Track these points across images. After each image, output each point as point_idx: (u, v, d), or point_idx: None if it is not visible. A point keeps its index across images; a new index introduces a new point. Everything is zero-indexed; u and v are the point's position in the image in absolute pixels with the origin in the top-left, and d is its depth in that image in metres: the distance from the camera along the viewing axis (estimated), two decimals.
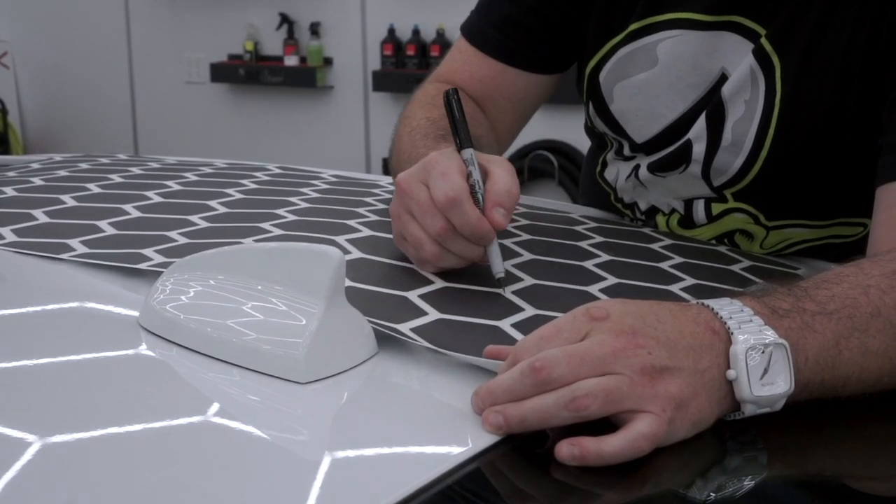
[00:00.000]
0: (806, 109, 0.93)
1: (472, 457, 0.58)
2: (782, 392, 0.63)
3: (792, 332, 0.65)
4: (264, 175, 1.16)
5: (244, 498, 0.51)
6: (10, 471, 0.52)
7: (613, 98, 1.03)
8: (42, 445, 0.54)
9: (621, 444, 0.57)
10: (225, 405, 0.63)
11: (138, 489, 0.52)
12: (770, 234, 1.02)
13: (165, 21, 4.57)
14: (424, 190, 0.78)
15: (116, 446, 0.56)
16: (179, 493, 0.52)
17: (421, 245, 0.79)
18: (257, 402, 0.63)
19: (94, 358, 0.67)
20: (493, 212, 0.77)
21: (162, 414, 0.60)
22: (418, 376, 0.67)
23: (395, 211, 0.81)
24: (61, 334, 0.71)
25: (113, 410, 0.60)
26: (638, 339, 0.60)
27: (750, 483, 0.63)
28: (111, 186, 1.06)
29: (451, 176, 0.77)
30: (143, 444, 0.56)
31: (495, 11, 1.09)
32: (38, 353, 0.67)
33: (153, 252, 0.82)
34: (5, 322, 0.74)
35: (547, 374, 0.58)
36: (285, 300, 0.64)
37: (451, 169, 0.78)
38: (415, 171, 0.80)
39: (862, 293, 0.70)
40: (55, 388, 0.62)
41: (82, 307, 0.77)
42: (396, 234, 0.83)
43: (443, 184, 0.77)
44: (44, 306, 0.77)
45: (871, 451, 0.71)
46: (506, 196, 0.78)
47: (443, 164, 0.78)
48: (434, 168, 0.78)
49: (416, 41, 3.98)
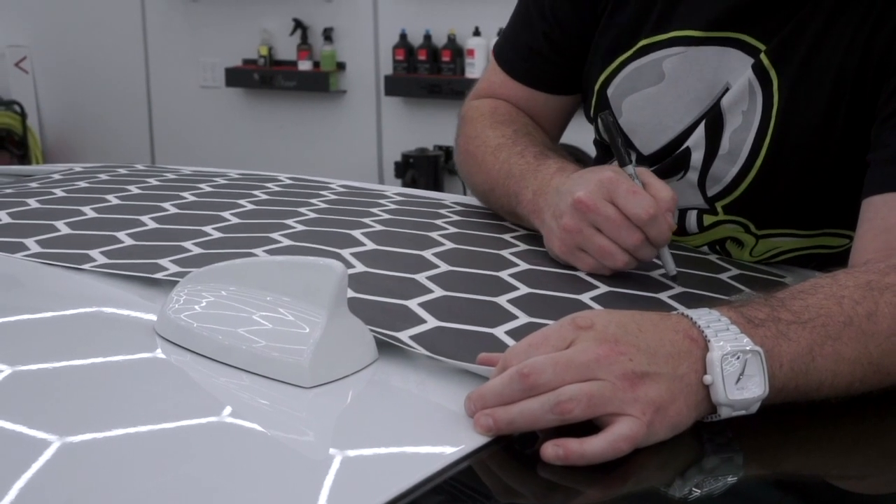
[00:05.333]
0: (800, 123, 0.98)
1: (464, 456, 0.62)
2: (756, 396, 0.67)
3: (767, 339, 0.69)
4: (275, 186, 1.20)
5: (253, 494, 0.56)
6: (30, 469, 0.56)
7: (622, 111, 1.08)
8: (61, 444, 0.59)
9: (602, 445, 0.62)
10: (235, 408, 0.67)
11: (155, 485, 0.56)
12: (759, 243, 1.06)
13: (181, 26, 4.63)
14: (611, 207, 0.87)
15: (133, 445, 0.61)
16: (192, 488, 0.56)
17: (612, 255, 0.88)
18: (265, 405, 0.67)
19: (112, 362, 0.72)
20: (667, 216, 0.88)
21: (176, 415, 0.64)
22: (416, 381, 0.72)
23: (573, 226, 0.89)
24: (81, 340, 0.76)
25: (129, 411, 0.65)
26: (620, 347, 0.65)
27: (726, 482, 0.67)
28: (129, 198, 1.11)
29: (641, 194, 0.87)
30: (157, 443, 0.61)
31: (520, 38, 1.17)
32: (58, 357, 0.72)
33: (168, 262, 0.86)
34: (29, 327, 0.79)
35: (534, 379, 0.63)
36: (291, 310, 0.69)
37: (637, 187, 0.88)
38: (594, 189, 0.88)
39: (836, 303, 0.74)
40: (74, 390, 0.67)
41: (102, 314, 0.82)
42: (569, 246, 0.90)
43: (638, 201, 0.87)
44: (65, 313, 0.82)
45: (845, 451, 0.75)
46: (672, 202, 0.89)
47: (626, 183, 0.88)
48: (619, 187, 0.87)
49: (427, 46, 4.03)
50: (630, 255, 0.88)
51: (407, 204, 1.15)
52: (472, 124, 1.14)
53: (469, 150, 1.12)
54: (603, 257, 0.89)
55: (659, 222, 0.87)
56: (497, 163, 1.06)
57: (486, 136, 1.11)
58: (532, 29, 1.14)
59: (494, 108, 1.15)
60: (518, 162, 1.03)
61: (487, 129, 1.11)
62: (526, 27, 1.15)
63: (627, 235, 0.87)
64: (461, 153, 1.15)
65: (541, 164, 1.00)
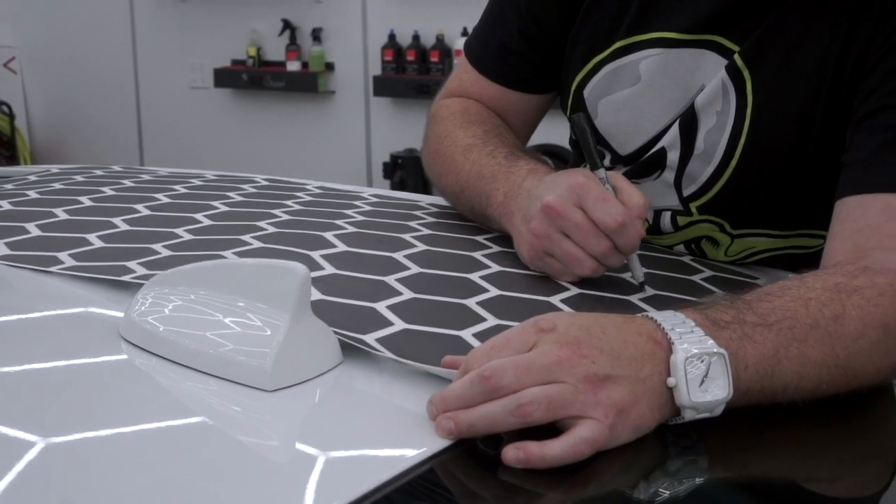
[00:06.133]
0: (774, 123, 0.98)
1: (426, 459, 0.62)
2: (720, 398, 0.67)
3: (732, 342, 0.69)
4: (251, 187, 1.20)
5: (216, 496, 0.56)
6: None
7: (598, 113, 1.08)
8: (31, 446, 0.58)
9: (563, 448, 0.62)
10: (197, 411, 0.67)
11: (118, 489, 0.56)
12: (735, 242, 1.06)
13: (170, 27, 4.62)
14: (580, 213, 0.86)
15: (93, 450, 0.60)
16: (155, 490, 0.56)
17: (579, 262, 0.87)
18: (227, 408, 0.67)
19: (74, 365, 0.72)
20: (637, 223, 0.87)
21: (138, 419, 0.64)
22: (381, 384, 0.72)
23: (542, 231, 0.88)
24: (45, 343, 0.75)
25: (91, 415, 0.64)
26: (582, 350, 0.64)
27: (690, 484, 0.67)
28: (103, 200, 1.10)
29: (611, 201, 0.86)
30: (117, 448, 0.61)
31: (493, 37, 1.15)
32: (20, 361, 0.71)
33: (136, 265, 0.86)
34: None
35: (495, 382, 0.63)
36: (255, 313, 0.69)
37: (607, 193, 0.87)
38: (563, 194, 0.87)
39: (802, 305, 0.74)
40: (35, 393, 0.67)
41: (67, 317, 0.82)
42: (538, 251, 0.89)
43: (607, 209, 0.85)
44: (30, 316, 0.82)
45: (813, 453, 0.75)
46: (644, 208, 0.88)
47: (596, 189, 0.87)
48: (589, 193, 0.86)
49: (416, 46, 4.03)
50: (598, 262, 0.87)
51: (382, 206, 1.14)
52: (443, 124, 1.13)
53: (439, 151, 1.11)
54: (570, 263, 0.88)
55: (628, 230, 0.86)
56: (468, 163, 1.05)
57: (456, 135, 1.09)
58: (507, 27, 1.13)
59: (465, 108, 1.14)
60: (489, 163, 1.02)
61: (458, 128, 1.10)
62: (500, 25, 1.14)
63: (595, 243, 0.86)
64: (430, 153, 1.14)
65: (512, 166, 0.99)
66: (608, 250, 0.86)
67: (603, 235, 0.86)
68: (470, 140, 1.07)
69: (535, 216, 0.89)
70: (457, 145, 1.08)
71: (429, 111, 1.19)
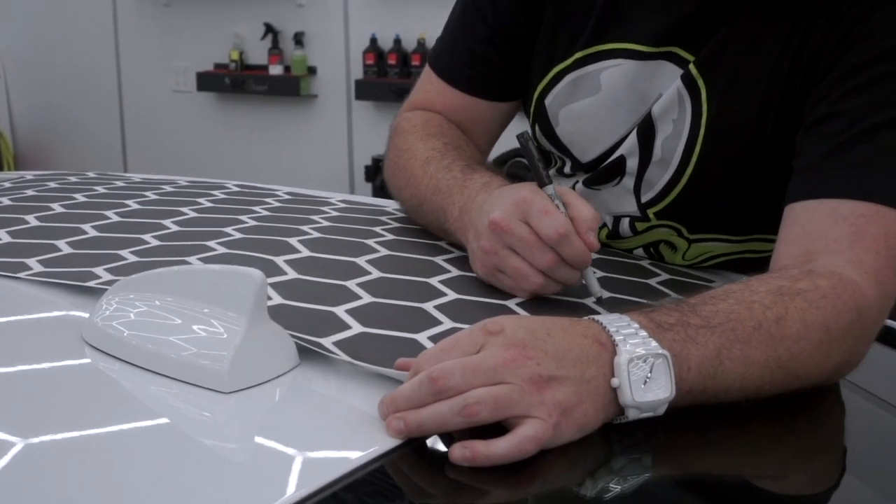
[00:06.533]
0: (729, 131, 1.00)
1: (377, 457, 0.64)
2: (662, 398, 0.69)
3: (675, 343, 0.71)
4: (221, 193, 1.22)
5: (170, 495, 0.58)
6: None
7: (559, 121, 1.10)
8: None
9: (508, 446, 0.64)
10: (158, 413, 0.69)
11: (73, 490, 0.58)
12: (692, 247, 1.08)
13: (153, 31, 4.63)
14: (525, 227, 0.86)
15: (54, 452, 0.62)
16: (112, 489, 0.58)
17: (526, 277, 0.87)
18: (185, 410, 0.69)
19: (38, 369, 0.74)
20: (588, 236, 0.86)
21: (100, 422, 0.66)
22: (337, 385, 0.74)
23: (490, 248, 0.88)
24: (8, 347, 0.77)
25: (50, 418, 0.66)
26: (527, 352, 0.67)
27: (635, 482, 0.69)
28: (74, 206, 1.12)
29: (553, 213, 0.86)
30: (79, 450, 0.63)
31: (460, 45, 1.16)
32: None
33: (103, 270, 0.88)
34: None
35: (443, 383, 0.65)
36: (213, 318, 0.71)
37: (550, 206, 0.86)
38: (508, 209, 0.87)
39: (746, 308, 0.76)
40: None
41: (31, 322, 0.84)
42: (489, 268, 0.90)
43: (549, 221, 0.85)
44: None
45: (758, 452, 0.77)
46: (594, 221, 0.88)
47: (539, 203, 0.86)
48: (532, 207, 0.86)
49: (397, 50, 4.05)
50: (546, 277, 0.87)
51: (349, 211, 1.16)
52: (403, 136, 1.14)
53: (399, 163, 1.12)
54: (518, 279, 0.87)
55: (572, 242, 0.85)
56: (426, 177, 1.05)
57: (416, 148, 1.10)
58: (475, 36, 1.14)
59: (426, 121, 1.15)
60: (445, 176, 1.03)
61: (418, 141, 1.11)
62: (467, 34, 1.15)
63: (540, 256, 0.86)
64: (391, 166, 1.14)
65: (467, 180, 1.00)
66: (554, 263, 0.86)
67: (548, 248, 0.86)
68: (429, 153, 1.08)
69: (483, 233, 0.89)
70: (416, 158, 1.09)
71: (392, 123, 1.19)
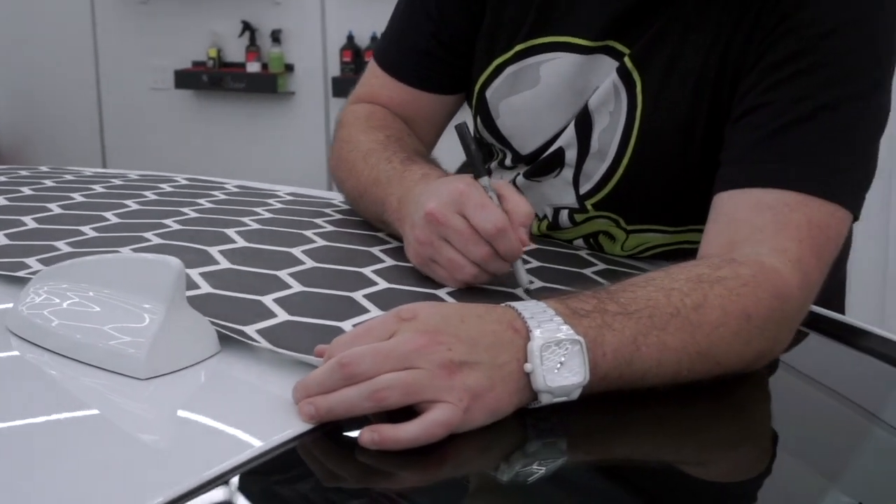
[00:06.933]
0: (663, 124, 1.01)
1: (288, 440, 0.65)
2: (575, 383, 0.70)
3: (591, 329, 0.72)
4: (169, 186, 1.23)
5: (82, 480, 0.59)
6: None
7: (499, 114, 1.11)
8: None
9: (416, 430, 0.65)
10: (72, 399, 0.70)
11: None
12: (630, 238, 1.09)
13: (131, 29, 4.62)
14: (461, 219, 0.87)
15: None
16: (33, 474, 0.59)
17: (460, 268, 0.88)
18: (101, 395, 0.70)
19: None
20: (520, 231, 0.87)
21: (20, 414, 0.67)
22: (257, 372, 0.75)
23: (424, 238, 0.89)
24: None
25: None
26: (439, 337, 0.68)
27: (550, 465, 0.70)
28: (19, 199, 1.13)
29: (490, 207, 0.87)
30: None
31: (405, 40, 1.17)
32: None
33: (34, 261, 0.88)
34: None
35: (352, 369, 0.66)
36: (132, 305, 0.72)
37: (487, 200, 0.87)
38: (445, 201, 0.88)
39: (664, 295, 0.77)
40: None
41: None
42: (423, 258, 0.91)
43: (486, 215, 0.86)
44: None
45: (679, 438, 0.78)
46: (527, 217, 0.89)
47: (476, 196, 0.87)
48: (469, 199, 0.87)
49: (374, 48, 4.06)
50: (479, 269, 0.88)
51: (294, 203, 1.17)
52: (347, 128, 1.15)
53: (342, 156, 1.13)
54: (452, 270, 0.88)
55: (508, 237, 0.86)
56: (367, 168, 1.06)
57: (358, 140, 1.11)
58: (418, 29, 1.15)
59: (370, 114, 1.16)
60: (385, 168, 1.04)
61: (360, 133, 1.12)
62: (412, 29, 1.16)
63: (475, 249, 0.87)
64: (335, 158, 1.15)
65: (406, 171, 1.01)
66: (488, 256, 0.87)
67: (483, 241, 0.87)
68: (371, 145, 1.09)
69: (418, 223, 0.90)
70: (358, 150, 1.10)
71: (337, 116, 1.20)
